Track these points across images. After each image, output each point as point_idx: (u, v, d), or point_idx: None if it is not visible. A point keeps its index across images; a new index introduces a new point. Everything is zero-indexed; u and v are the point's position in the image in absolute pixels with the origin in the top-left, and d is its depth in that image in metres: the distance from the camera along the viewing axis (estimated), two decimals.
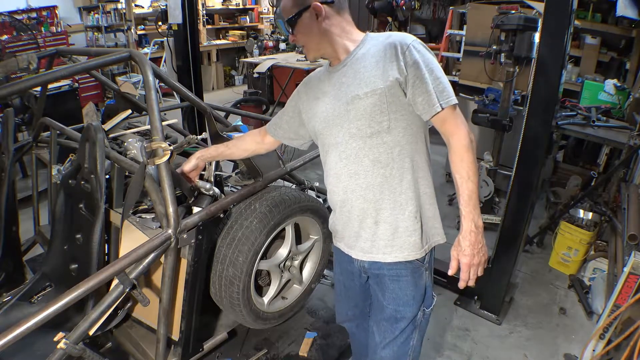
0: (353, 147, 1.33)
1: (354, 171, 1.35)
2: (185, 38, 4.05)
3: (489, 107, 3.65)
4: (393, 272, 1.42)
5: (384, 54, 1.29)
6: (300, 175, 2.36)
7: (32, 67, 2.08)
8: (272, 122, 1.64)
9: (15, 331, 1.09)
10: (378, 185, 1.34)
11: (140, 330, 1.83)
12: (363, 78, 1.30)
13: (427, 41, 6.38)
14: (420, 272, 1.44)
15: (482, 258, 1.33)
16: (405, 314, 1.46)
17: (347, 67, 1.36)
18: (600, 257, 2.92)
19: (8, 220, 2.10)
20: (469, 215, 1.28)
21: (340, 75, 1.37)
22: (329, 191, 1.47)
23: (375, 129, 1.29)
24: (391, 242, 1.38)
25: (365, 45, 1.36)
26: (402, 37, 1.31)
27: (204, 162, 1.73)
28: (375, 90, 1.27)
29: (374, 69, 1.29)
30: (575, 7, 2.10)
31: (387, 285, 1.45)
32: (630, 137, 3.06)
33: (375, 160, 1.32)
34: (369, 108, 1.28)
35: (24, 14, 6.27)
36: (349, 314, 1.74)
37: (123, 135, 2.15)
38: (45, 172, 2.12)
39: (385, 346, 1.51)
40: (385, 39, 1.32)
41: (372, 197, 1.35)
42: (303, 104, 1.50)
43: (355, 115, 1.31)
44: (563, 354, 2.46)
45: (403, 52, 1.26)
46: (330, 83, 1.40)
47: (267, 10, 9.57)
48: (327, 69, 1.44)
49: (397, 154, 1.32)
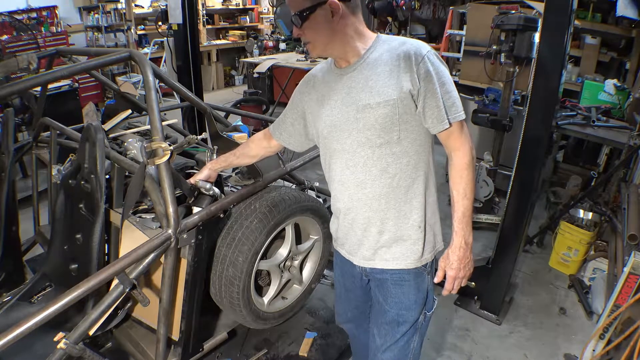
0: (361, 155, 1.30)
1: (361, 180, 1.33)
2: (185, 38, 4.05)
3: (489, 107, 3.65)
4: (396, 276, 1.42)
5: (398, 63, 1.24)
6: (300, 175, 2.36)
7: (32, 67, 2.08)
8: (275, 126, 1.58)
9: (15, 331, 1.09)
10: (384, 195, 1.33)
11: (140, 330, 1.83)
12: (375, 87, 1.25)
13: (427, 41, 6.38)
14: (423, 276, 1.44)
15: (468, 272, 1.38)
16: (407, 317, 1.46)
17: (357, 72, 1.30)
18: (600, 257, 2.92)
19: (8, 220, 2.10)
20: (460, 232, 1.33)
21: (349, 79, 1.31)
22: (332, 197, 1.46)
23: (385, 140, 1.27)
24: (394, 251, 1.38)
25: (377, 49, 1.30)
26: (417, 46, 1.26)
27: (216, 173, 1.71)
28: (388, 101, 1.23)
29: (387, 78, 1.24)
30: (575, 7, 2.10)
31: (390, 290, 1.45)
32: (630, 137, 3.06)
33: (383, 170, 1.30)
34: (380, 118, 1.25)
35: (24, 14, 6.27)
36: (349, 315, 1.74)
37: (123, 135, 2.15)
38: (45, 172, 2.12)
39: (386, 349, 1.51)
40: (399, 45, 1.27)
41: (378, 207, 1.34)
42: (306, 104, 1.45)
43: (365, 125, 1.27)
44: (563, 354, 2.46)
45: (417, 64, 1.23)
46: (337, 86, 1.34)
47: (267, 10, 9.57)
48: (333, 69, 1.37)
49: (404, 164, 1.30)
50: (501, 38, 3.19)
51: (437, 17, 6.44)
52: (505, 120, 3.36)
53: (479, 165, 3.42)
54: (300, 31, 1.29)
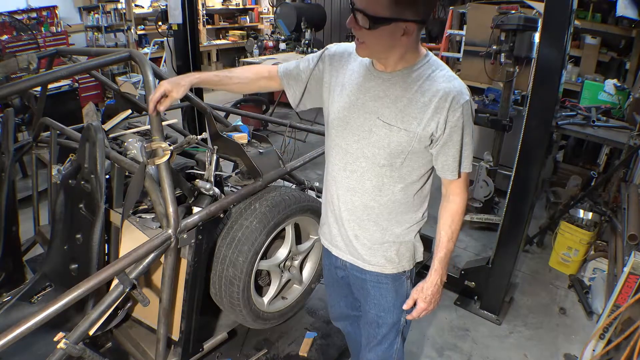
0: (361, 166, 1.30)
1: (353, 187, 1.34)
2: (185, 38, 4.05)
3: (489, 107, 3.66)
4: (374, 277, 1.44)
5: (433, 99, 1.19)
6: (300, 175, 2.36)
7: (32, 67, 2.08)
8: (285, 67, 1.47)
9: (15, 331, 1.09)
10: (370, 208, 1.34)
11: (140, 330, 1.83)
12: (403, 109, 1.21)
13: (427, 41, 6.38)
14: (402, 280, 1.46)
15: (435, 305, 1.42)
16: (386, 319, 1.48)
17: (390, 84, 1.24)
18: (600, 257, 2.92)
19: (8, 220, 2.10)
20: (440, 270, 1.36)
21: (379, 85, 1.25)
22: (324, 186, 1.47)
23: (388, 162, 1.27)
24: (368, 257, 1.41)
25: (420, 70, 1.22)
26: (459, 91, 1.19)
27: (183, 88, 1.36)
28: (409, 132, 1.21)
29: (418, 110, 1.20)
30: (575, 7, 2.10)
31: (369, 291, 1.47)
32: (630, 137, 3.06)
33: (376, 187, 1.31)
34: (393, 143, 1.23)
35: (24, 14, 6.27)
36: (341, 304, 1.73)
37: (123, 135, 2.15)
38: (45, 172, 2.12)
39: (371, 349, 1.55)
40: (443, 81, 1.20)
41: (361, 215, 1.36)
42: (327, 79, 1.38)
43: (376, 141, 1.25)
44: (563, 354, 2.46)
45: (452, 110, 1.18)
46: (365, 84, 1.28)
47: (267, 10, 9.57)
48: (368, 65, 1.29)
49: (398, 190, 1.32)
50: (501, 38, 3.19)
51: (437, 17, 6.43)
52: (505, 120, 3.36)
53: (479, 165, 3.42)
54: (358, 28, 1.15)
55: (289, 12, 6.47)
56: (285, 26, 6.44)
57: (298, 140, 4.87)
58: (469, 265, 2.84)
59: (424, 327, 2.60)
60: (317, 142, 4.74)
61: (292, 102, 1.50)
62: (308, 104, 1.49)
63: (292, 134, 4.02)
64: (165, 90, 1.34)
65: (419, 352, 2.43)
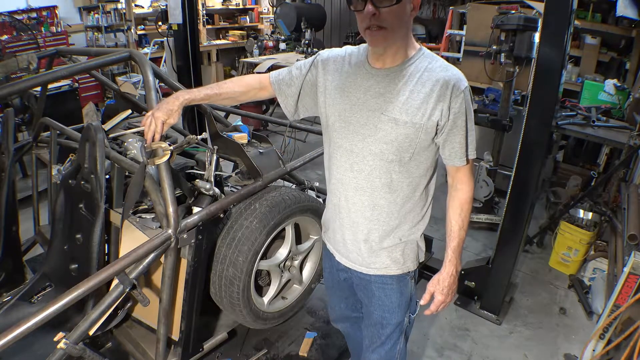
0: (369, 164, 1.29)
1: (362, 187, 1.33)
2: (185, 38, 4.05)
3: (489, 107, 3.65)
4: (379, 279, 1.44)
5: (434, 89, 1.21)
6: (300, 175, 2.36)
7: (32, 67, 2.08)
8: (277, 73, 1.47)
9: (15, 331, 1.09)
10: (379, 206, 1.34)
11: (140, 330, 1.83)
12: (406, 102, 1.22)
13: (427, 41, 6.39)
14: (406, 281, 1.46)
15: (452, 297, 1.43)
16: (390, 320, 1.48)
17: (390, 79, 1.25)
18: (600, 257, 2.92)
19: (8, 220, 2.10)
20: (454, 261, 1.37)
21: (379, 83, 1.26)
22: (329, 190, 1.46)
23: (397, 157, 1.27)
24: (375, 260, 1.41)
25: (417, 62, 1.25)
26: (458, 78, 1.22)
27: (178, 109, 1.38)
28: (415, 124, 1.22)
29: (421, 101, 1.21)
30: (575, 7, 2.10)
31: (374, 292, 1.47)
32: (630, 137, 3.06)
33: (385, 185, 1.31)
34: (401, 137, 1.24)
35: (24, 14, 6.27)
36: (342, 306, 1.73)
37: (123, 135, 2.15)
38: (45, 172, 2.12)
39: (374, 350, 1.55)
40: (440, 70, 1.23)
41: (370, 216, 1.36)
42: (322, 83, 1.38)
43: (382, 137, 1.25)
44: (563, 354, 2.46)
45: (454, 97, 1.21)
46: (363, 84, 1.29)
47: (267, 10, 9.57)
48: (364, 64, 1.30)
49: (406, 184, 1.32)
50: (501, 38, 3.19)
51: (437, 17, 6.44)
52: (505, 120, 3.36)
53: (479, 165, 3.42)
54: (377, 12, 1.14)
55: (289, 12, 6.48)
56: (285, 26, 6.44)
57: (298, 140, 4.88)
58: (469, 265, 2.83)
59: (424, 327, 2.60)
60: (317, 142, 4.73)
61: (286, 109, 1.50)
62: (302, 112, 1.49)
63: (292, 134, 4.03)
64: (163, 121, 1.35)
65: (419, 352, 2.43)
